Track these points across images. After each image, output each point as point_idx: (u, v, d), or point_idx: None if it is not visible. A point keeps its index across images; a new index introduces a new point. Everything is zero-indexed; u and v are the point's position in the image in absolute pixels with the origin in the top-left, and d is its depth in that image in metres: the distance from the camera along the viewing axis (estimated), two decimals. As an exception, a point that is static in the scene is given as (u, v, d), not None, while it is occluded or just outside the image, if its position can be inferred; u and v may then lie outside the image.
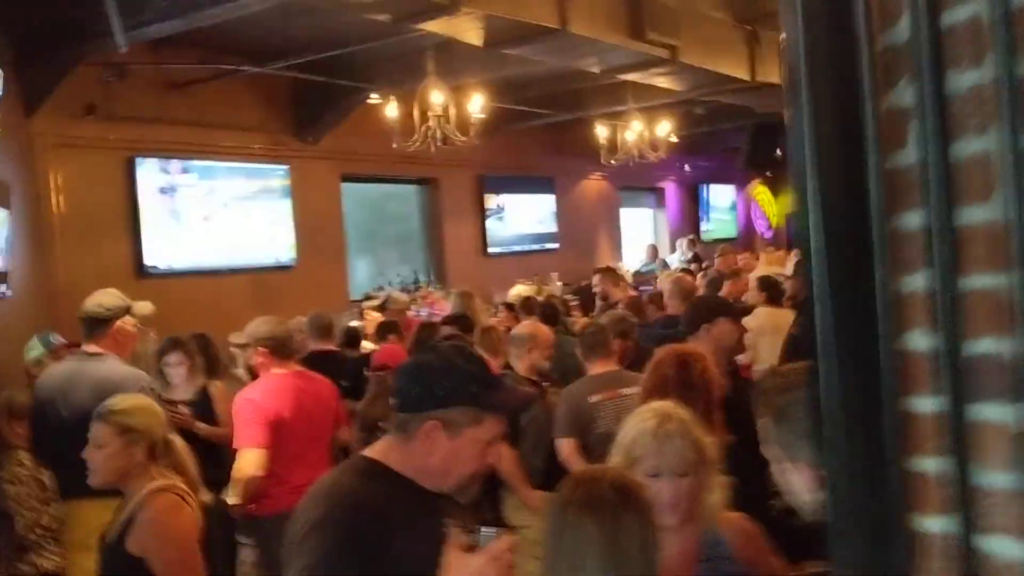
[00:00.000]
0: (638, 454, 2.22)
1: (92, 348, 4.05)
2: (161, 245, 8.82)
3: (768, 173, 17.73)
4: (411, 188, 12.49)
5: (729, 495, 2.32)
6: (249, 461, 4.34)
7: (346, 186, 11.01)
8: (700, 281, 10.83)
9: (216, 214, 9.34)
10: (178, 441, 3.13)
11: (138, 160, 8.66)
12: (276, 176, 9.99)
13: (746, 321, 5.56)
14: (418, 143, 7.40)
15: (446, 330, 6.40)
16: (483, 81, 8.64)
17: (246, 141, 9.68)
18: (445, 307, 10.34)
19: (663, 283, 9.39)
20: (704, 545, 2.24)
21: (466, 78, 8.46)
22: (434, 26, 5.70)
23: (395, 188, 12.29)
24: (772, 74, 8.30)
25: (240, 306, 9.21)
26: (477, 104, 7.54)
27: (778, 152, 15.10)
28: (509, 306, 8.36)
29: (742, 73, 7.84)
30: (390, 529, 1.89)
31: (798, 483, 1.64)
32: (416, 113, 7.33)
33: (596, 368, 4.53)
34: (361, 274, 11.74)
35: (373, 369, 5.11)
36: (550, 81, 10.40)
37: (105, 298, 4.13)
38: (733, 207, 18.88)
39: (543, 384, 5.00)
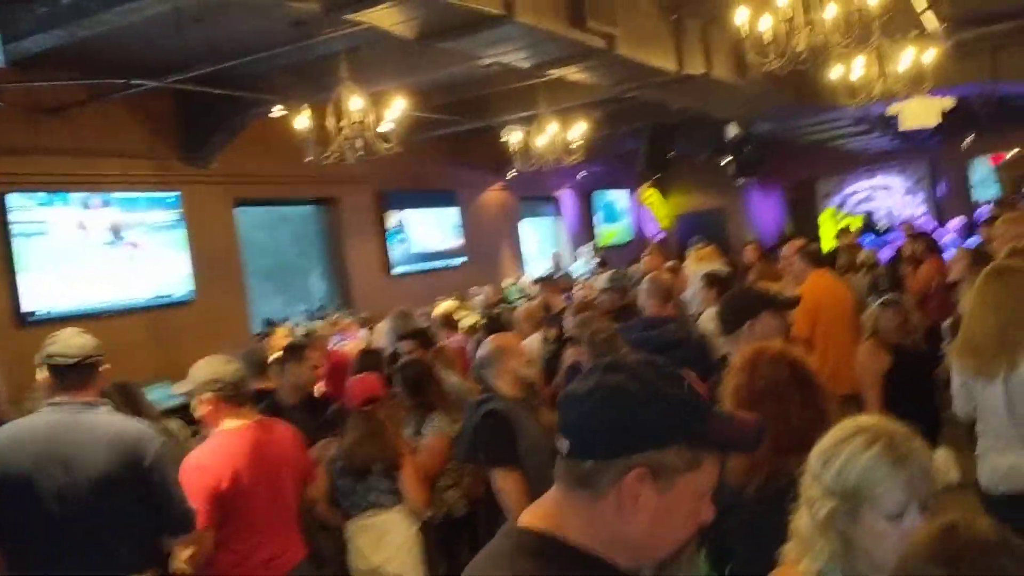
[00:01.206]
0: (874, 492, 1.76)
1: (85, 397, 3.29)
2: (41, 288, 7.86)
3: (658, 176, 17.78)
4: (281, 215, 11.71)
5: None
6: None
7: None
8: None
9: (101, 250, 8.43)
10: None
11: (9, 196, 7.69)
12: (166, 205, 9.13)
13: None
14: (336, 155, 6.80)
15: (405, 346, 5.82)
16: (390, 89, 8.11)
17: (131, 168, 8.79)
18: (357, 334, 9.72)
19: (593, 284, 9.05)
20: None
21: (374, 86, 7.91)
22: (370, 16, 5.14)
23: (264, 217, 11.43)
24: (697, 65, 8.09)
25: (136, 349, 8.34)
26: (399, 109, 6.99)
27: (671, 154, 15.08)
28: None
29: (670, 65, 7.57)
30: None
31: None
32: (331, 123, 6.72)
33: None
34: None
35: (361, 404, 4.47)
36: (455, 88, 9.94)
37: (88, 338, 3.39)
38: (626, 211, 18.87)
39: (534, 402, 4.49)
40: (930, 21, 8.08)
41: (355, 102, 6.66)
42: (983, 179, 21.27)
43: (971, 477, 4.09)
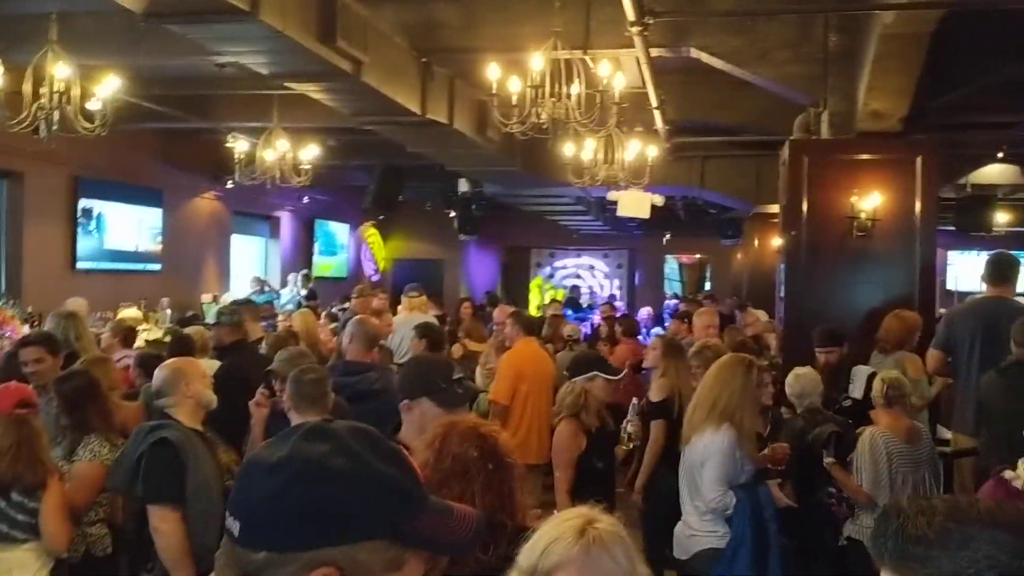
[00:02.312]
0: (551, 563, 1.62)
1: None
2: None
3: (382, 217, 17.65)
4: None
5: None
6: None
7: None
8: (326, 322, 10.20)
9: None
10: None
11: None
12: None
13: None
14: (27, 125, 5.93)
15: (29, 353, 4.99)
16: (104, 66, 7.29)
17: None
18: (20, 330, 8.55)
19: (297, 321, 8.57)
20: None
21: (86, 59, 7.06)
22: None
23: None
24: (440, 113, 8.01)
25: None
26: (111, 87, 6.25)
27: (400, 197, 14.99)
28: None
29: (414, 105, 7.41)
30: None
31: None
32: (28, 88, 5.86)
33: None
34: None
35: (12, 407, 3.75)
36: (181, 81, 9.18)
37: None
38: (346, 246, 18.50)
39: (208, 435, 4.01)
40: (657, 120, 8.59)
41: (61, 70, 5.85)
42: (671, 275, 23.33)
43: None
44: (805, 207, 6.87)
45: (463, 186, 14.11)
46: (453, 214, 15.92)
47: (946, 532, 1.02)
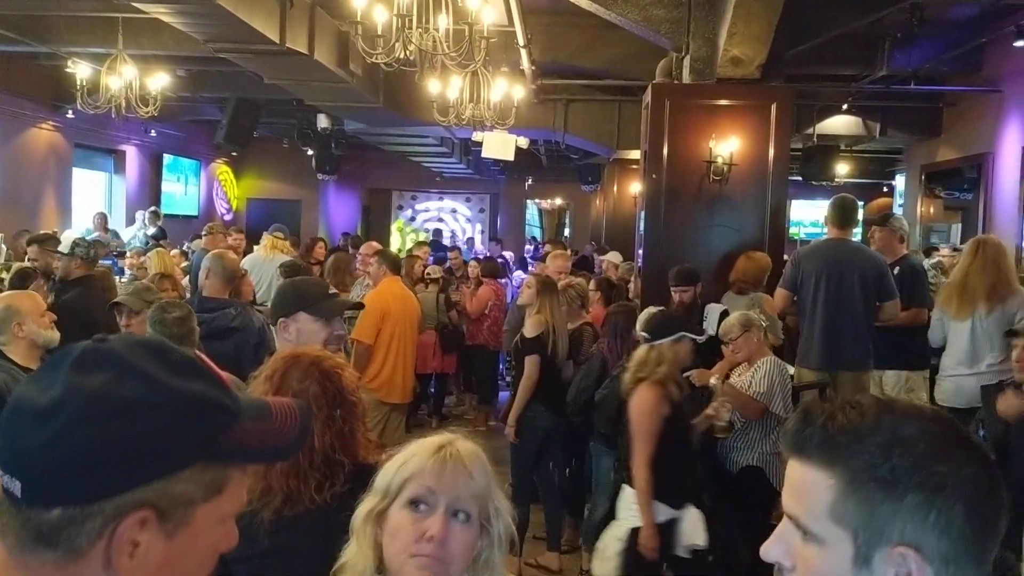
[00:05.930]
0: (405, 474, 1.60)
1: None
2: None
3: (235, 153, 16.98)
4: None
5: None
6: None
7: None
8: (179, 259, 9.80)
9: None
10: None
11: None
12: None
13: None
14: None
15: None
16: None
17: None
18: None
19: (155, 260, 8.17)
20: None
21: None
22: None
23: None
24: (300, 43, 7.70)
25: None
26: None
27: (255, 133, 14.43)
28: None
29: (272, 33, 7.06)
30: None
31: None
32: None
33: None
34: None
35: None
36: (15, 0, 8.45)
37: None
38: (197, 183, 17.70)
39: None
40: (523, 60, 8.54)
41: None
42: (531, 220, 23.57)
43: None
44: (666, 151, 7.00)
45: (322, 122, 13.67)
46: (311, 152, 15.47)
47: (879, 423, 1.04)
